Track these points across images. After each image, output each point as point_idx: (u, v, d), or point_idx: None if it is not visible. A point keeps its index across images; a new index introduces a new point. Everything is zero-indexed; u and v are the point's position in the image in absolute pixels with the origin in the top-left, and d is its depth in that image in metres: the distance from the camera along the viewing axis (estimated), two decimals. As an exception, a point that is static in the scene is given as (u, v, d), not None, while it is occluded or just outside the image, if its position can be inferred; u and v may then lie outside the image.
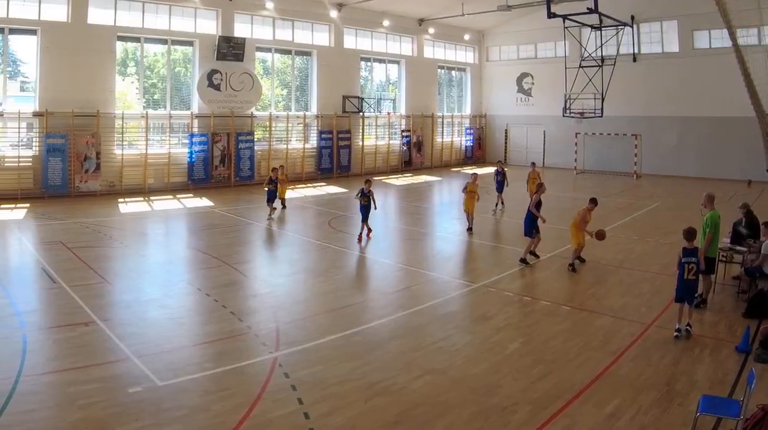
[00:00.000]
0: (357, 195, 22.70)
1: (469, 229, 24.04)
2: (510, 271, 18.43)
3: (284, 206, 28.97)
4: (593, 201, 18.82)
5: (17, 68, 32.59)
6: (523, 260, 18.93)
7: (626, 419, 9.34)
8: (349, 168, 43.72)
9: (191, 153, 35.75)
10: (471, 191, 24.10)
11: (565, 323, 13.87)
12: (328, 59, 43.32)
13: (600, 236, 18.41)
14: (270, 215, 26.44)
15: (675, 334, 12.99)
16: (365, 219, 22.27)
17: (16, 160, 30.50)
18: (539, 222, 19.14)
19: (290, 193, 34.16)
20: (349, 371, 10.93)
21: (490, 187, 31.36)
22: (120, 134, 33.33)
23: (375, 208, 22.58)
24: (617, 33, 42.43)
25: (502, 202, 29.68)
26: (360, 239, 22.00)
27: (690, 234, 13.28)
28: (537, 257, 19.37)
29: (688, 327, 13.11)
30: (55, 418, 8.97)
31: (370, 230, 22.53)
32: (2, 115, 30.21)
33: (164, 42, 36.06)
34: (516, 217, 22.88)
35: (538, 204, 19.08)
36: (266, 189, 26.86)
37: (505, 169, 30.22)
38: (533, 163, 32.06)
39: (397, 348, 12.17)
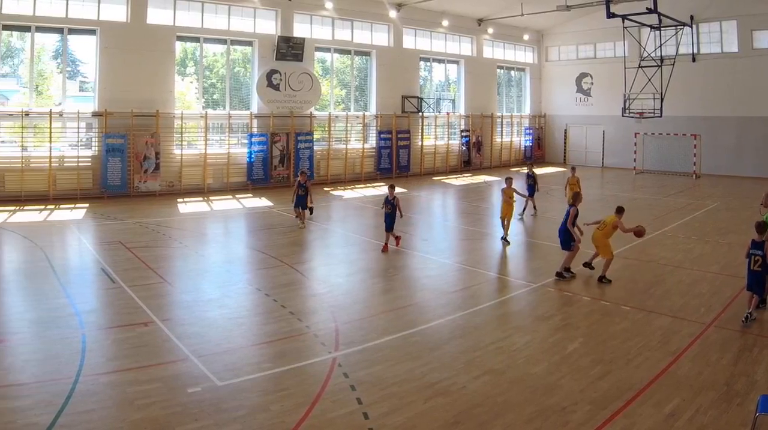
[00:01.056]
0: (381, 205, 20.32)
1: (504, 238, 21.55)
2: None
3: (311, 211, 26.03)
4: (620, 210, 17.14)
5: (76, 68, 31.62)
6: (560, 274, 17.00)
7: (685, 419, 9.08)
8: (408, 168, 42.01)
9: (250, 153, 34.53)
10: (508, 197, 21.79)
11: (624, 323, 13.48)
12: (388, 59, 41.70)
13: (639, 233, 17.07)
14: (301, 223, 23.64)
15: (742, 319, 13.21)
16: (390, 229, 20.01)
17: (76, 160, 29.60)
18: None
19: (350, 193, 34.12)
20: (408, 370, 10.68)
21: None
22: (179, 134, 32.31)
23: (401, 216, 20.53)
24: (676, 33, 40.49)
25: (534, 207, 26.93)
26: (385, 249, 19.84)
27: (760, 227, 13.35)
28: (572, 274, 17.25)
29: (748, 314, 13.23)
30: (114, 418, 8.77)
31: (398, 238, 20.31)
32: (62, 115, 29.25)
33: (223, 42, 34.91)
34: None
35: (575, 217, 17.49)
36: (297, 195, 23.65)
37: (536, 172, 27.71)
38: (573, 168, 29.21)
39: (456, 348, 11.87)
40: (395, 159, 41.32)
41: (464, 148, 46.35)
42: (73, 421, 8.54)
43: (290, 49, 36.04)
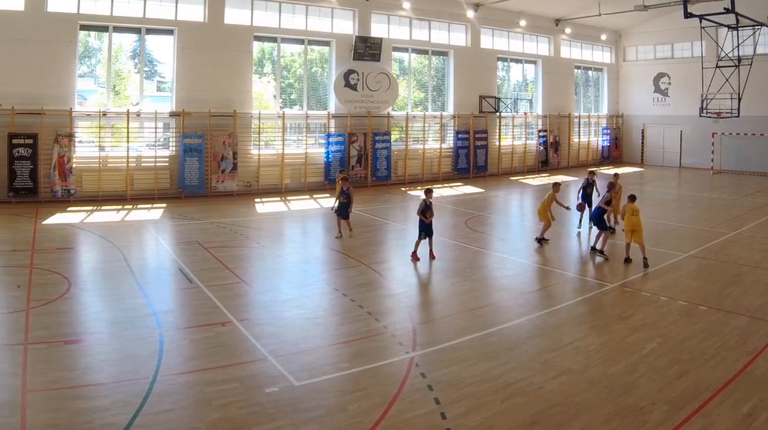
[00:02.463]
0: (419, 210, 17.54)
1: (540, 239, 19.63)
2: (646, 271, 16.83)
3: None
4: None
5: (154, 68, 30.12)
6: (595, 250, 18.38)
7: (763, 419, 8.68)
8: (485, 168, 39.47)
9: (328, 153, 32.62)
10: (550, 201, 19.87)
11: (702, 323, 12.88)
12: (465, 59, 39.16)
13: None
14: (350, 233, 20.62)
15: None
16: (431, 234, 17.61)
17: (153, 160, 28.22)
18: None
19: None
20: (485, 371, 10.26)
21: (572, 201, 24.88)
22: (257, 134, 30.69)
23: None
24: (754, 33, 37.44)
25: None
26: (415, 255, 17.53)
27: None
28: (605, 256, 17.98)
29: None
30: (192, 418, 8.46)
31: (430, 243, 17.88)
32: (139, 115, 27.83)
33: (301, 42, 33.00)
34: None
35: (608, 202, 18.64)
36: (340, 202, 20.47)
37: (596, 179, 23.26)
38: (616, 175, 23.19)
39: (534, 348, 11.37)
40: (473, 159, 38.89)
41: (542, 148, 43.73)
42: (150, 421, 8.26)
43: (368, 49, 34.06)
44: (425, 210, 17.40)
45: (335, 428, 8.32)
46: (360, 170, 33.63)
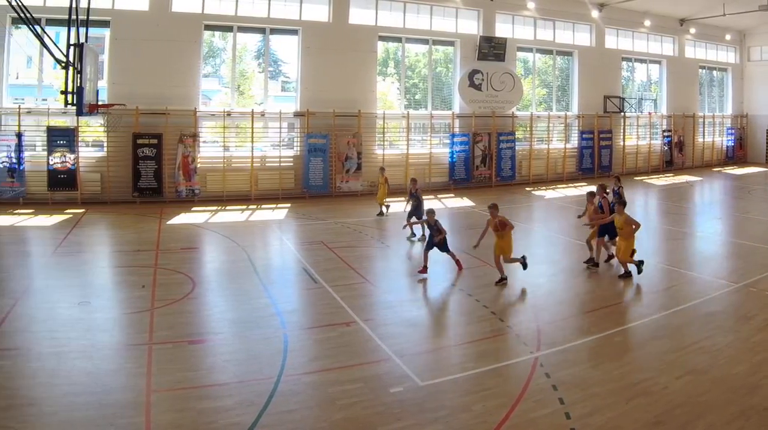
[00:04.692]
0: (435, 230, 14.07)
1: (591, 261, 14.90)
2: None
3: (382, 214, 21.10)
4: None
5: (278, 68, 26.35)
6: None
7: None
8: (610, 168, 33.80)
9: (452, 153, 28.11)
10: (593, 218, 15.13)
11: None
12: (590, 59, 33.70)
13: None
14: (416, 237, 17.51)
15: None
16: (446, 250, 14.22)
17: (278, 160, 24.61)
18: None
19: (552, 193, 27.99)
20: (609, 371, 8.90)
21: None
22: (381, 134, 26.63)
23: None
24: None
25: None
26: (424, 271, 13.90)
27: None
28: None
29: None
30: (316, 418, 7.47)
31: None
32: (263, 115, 24.28)
33: (425, 42, 28.58)
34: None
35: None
36: (414, 206, 17.70)
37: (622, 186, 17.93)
38: (618, 176, 18.83)
39: (658, 348, 9.79)
40: (597, 159, 33.45)
41: (666, 148, 37.76)
42: (274, 421, 7.30)
43: (492, 49, 29.26)
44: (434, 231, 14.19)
45: (460, 428, 7.37)
46: (484, 170, 28.98)
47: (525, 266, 13.47)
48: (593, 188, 15.44)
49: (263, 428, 7.24)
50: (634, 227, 13.21)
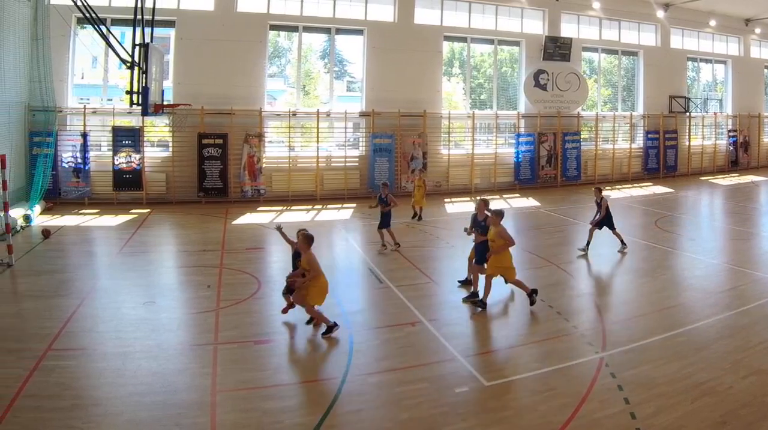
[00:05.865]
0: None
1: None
2: None
3: (416, 217, 19.03)
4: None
5: (343, 68, 24.35)
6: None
7: None
8: (675, 168, 31.11)
9: (517, 153, 25.77)
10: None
11: None
12: (655, 59, 30.86)
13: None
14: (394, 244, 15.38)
15: None
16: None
17: (343, 160, 22.77)
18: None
19: (617, 193, 25.22)
20: (674, 370, 8.23)
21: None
22: (446, 134, 24.46)
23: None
24: None
25: (622, 242, 15.15)
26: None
27: None
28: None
29: None
30: (382, 418, 7.08)
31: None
32: (329, 115, 22.42)
33: (490, 42, 26.28)
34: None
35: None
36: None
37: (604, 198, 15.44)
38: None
39: (723, 348, 9.02)
40: (662, 159, 30.64)
41: (731, 148, 34.68)
42: (340, 421, 6.96)
43: (557, 49, 26.82)
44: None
45: (525, 427, 6.81)
46: (549, 170, 26.59)
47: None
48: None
49: (329, 428, 6.93)
50: (507, 242, 10.45)
